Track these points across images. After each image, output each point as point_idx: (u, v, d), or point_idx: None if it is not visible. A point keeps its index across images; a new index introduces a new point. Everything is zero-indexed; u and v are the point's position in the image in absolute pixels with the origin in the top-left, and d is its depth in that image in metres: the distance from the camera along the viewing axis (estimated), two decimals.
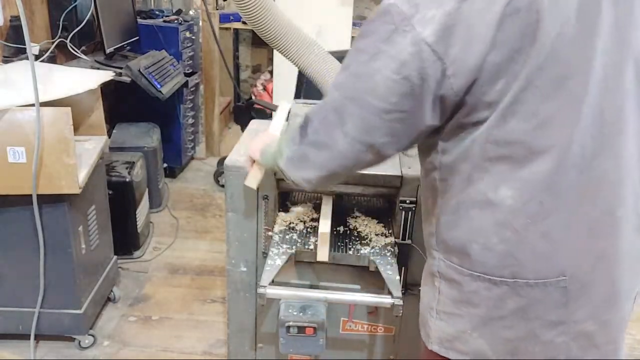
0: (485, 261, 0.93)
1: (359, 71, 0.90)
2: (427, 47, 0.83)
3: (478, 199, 0.92)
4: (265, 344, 1.69)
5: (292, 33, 1.89)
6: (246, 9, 1.79)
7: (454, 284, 0.99)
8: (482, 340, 0.98)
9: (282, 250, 1.40)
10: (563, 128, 0.86)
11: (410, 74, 0.85)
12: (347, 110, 0.92)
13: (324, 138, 0.97)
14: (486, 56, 0.83)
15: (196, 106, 3.88)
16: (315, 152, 0.99)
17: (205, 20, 3.55)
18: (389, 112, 0.89)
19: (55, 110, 1.69)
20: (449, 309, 1.01)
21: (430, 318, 1.05)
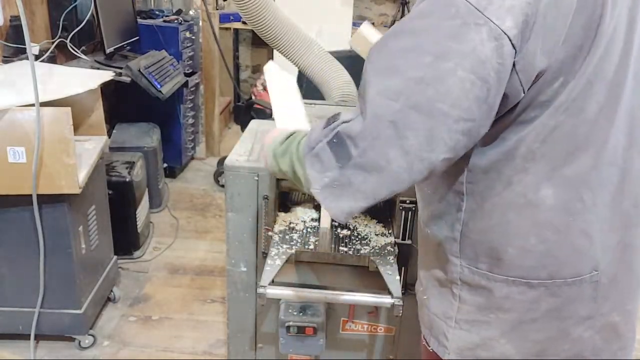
0: (521, 264, 0.90)
1: (425, 75, 0.76)
2: (508, 40, 0.74)
3: (516, 201, 0.88)
4: (265, 344, 1.69)
5: (292, 33, 1.89)
6: (246, 9, 1.79)
7: (480, 290, 0.95)
8: (509, 345, 0.95)
9: (282, 250, 1.40)
10: (603, 125, 0.85)
11: (489, 73, 0.75)
12: (409, 123, 0.78)
13: (375, 159, 0.80)
14: (555, 52, 0.77)
15: (196, 106, 3.88)
16: (363, 177, 0.82)
17: (205, 20, 3.55)
18: (458, 120, 0.77)
19: (55, 110, 1.69)
20: (473, 316, 0.97)
21: (448, 328, 1.00)
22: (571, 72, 0.80)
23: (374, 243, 1.46)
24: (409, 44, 0.78)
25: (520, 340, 0.95)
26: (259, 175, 1.48)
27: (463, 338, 0.98)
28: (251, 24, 1.86)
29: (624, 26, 0.82)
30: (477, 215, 0.92)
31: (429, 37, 0.77)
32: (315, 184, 0.87)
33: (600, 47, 0.79)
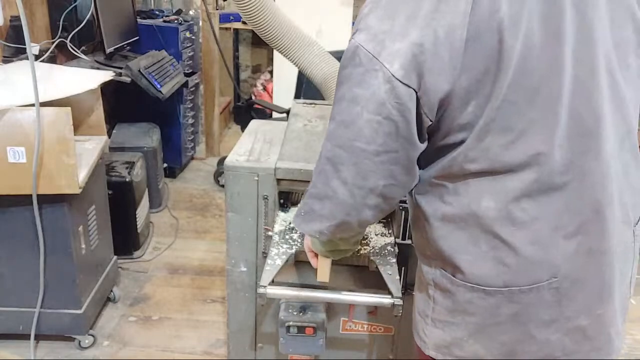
0: (476, 272, 0.94)
1: (343, 119, 0.90)
2: (399, 82, 0.83)
3: (463, 211, 0.93)
4: (265, 344, 1.69)
5: (292, 33, 1.89)
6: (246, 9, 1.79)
7: (448, 294, 1.00)
8: (478, 345, 1.00)
9: (282, 250, 1.40)
10: (542, 136, 0.87)
11: (391, 112, 0.85)
12: (339, 159, 0.92)
13: (323, 189, 0.96)
14: (455, 82, 0.83)
15: (196, 106, 3.89)
16: (319, 204, 0.99)
17: (205, 20, 3.55)
18: (379, 154, 0.89)
19: (55, 110, 1.69)
20: (444, 317, 1.02)
21: (426, 325, 1.06)
22: (482, 95, 0.84)
23: (374, 243, 1.46)
24: (338, 93, 0.91)
25: (488, 342, 0.99)
26: (259, 175, 1.48)
27: (438, 336, 1.04)
28: (251, 24, 1.86)
29: (539, 40, 0.84)
30: (433, 225, 0.98)
31: (345, 86, 0.89)
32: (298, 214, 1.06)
33: (510, 67, 0.83)
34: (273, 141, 1.65)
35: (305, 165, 1.46)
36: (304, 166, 1.46)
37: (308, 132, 1.65)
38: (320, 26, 3.81)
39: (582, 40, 0.86)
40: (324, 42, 2.01)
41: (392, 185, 0.93)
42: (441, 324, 1.03)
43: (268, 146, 1.62)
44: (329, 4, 3.95)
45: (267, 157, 1.52)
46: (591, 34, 0.87)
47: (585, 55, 0.87)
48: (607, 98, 0.90)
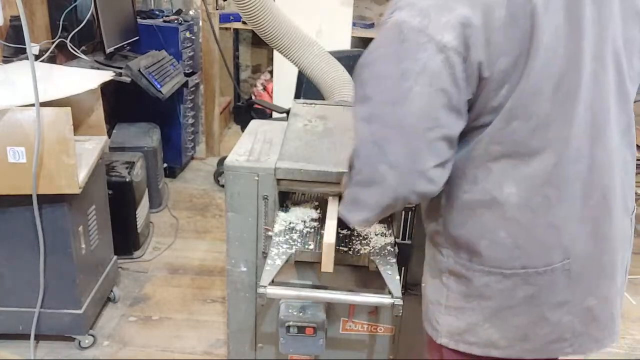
0: (495, 256, 0.98)
1: (389, 97, 0.88)
2: (452, 51, 0.84)
3: (484, 198, 0.96)
4: (265, 344, 1.69)
5: (292, 33, 1.89)
6: (246, 9, 1.79)
7: (463, 279, 1.02)
8: (493, 329, 1.03)
9: (282, 250, 1.39)
10: (562, 124, 0.91)
11: (445, 83, 0.85)
12: (387, 140, 0.89)
13: (369, 175, 0.93)
14: (495, 62, 0.85)
15: (196, 106, 3.89)
16: (366, 192, 0.95)
17: (205, 20, 3.55)
18: (431, 129, 0.88)
19: (55, 110, 1.69)
20: (459, 303, 1.04)
21: (439, 314, 1.08)
22: (514, 80, 0.87)
23: (374, 243, 1.46)
24: (373, 73, 0.90)
25: (502, 326, 1.02)
26: (259, 175, 1.48)
27: (451, 323, 1.06)
28: (251, 24, 1.86)
29: (563, 32, 0.87)
30: (454, 211, 1.00)
31: (387, 64, 0.88)
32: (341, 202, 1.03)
33: (539, 55, 0.86)
34: (273, 141, 1.65)
35: (306, 165, 1.46)
36: (304, 166, 1.46)
37: (308, 132, 1.65)
38: (320, 26, 3.81)
39: (598, 36, 0.90)
40: (324, 42, 2.02)
41: (439, 166, 0.91)
42: (455, 310, 1.05)
43: (268, 146, 1.62)
44: (329, 4, 3.95)
45: (267, 157, 1.52)
46: (605, 31, 0.91)
47: (600, 51, 0.90)
48: (613, 94, 0.94)
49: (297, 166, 1.46)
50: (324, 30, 3.82)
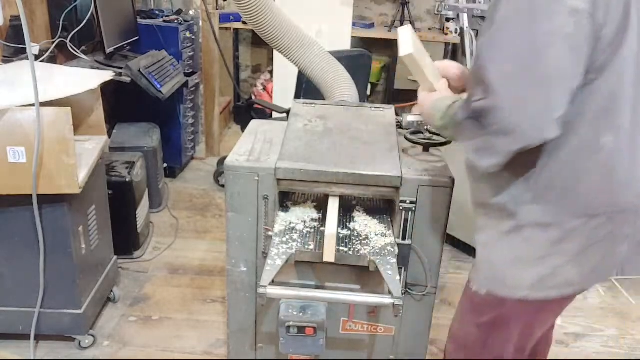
0: (588, 199, 1.13)
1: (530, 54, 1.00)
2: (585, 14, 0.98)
3: (583, 146, 1.10)
4: (265, 344, 1.69)
5: (292, 33, 1.89)
6: (246, 9, 1.79)
7: (551, 227, 1.15)
8: (573, 269, 1.17)
9: (282, 250, 1.39)
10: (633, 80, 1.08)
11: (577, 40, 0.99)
12: (529, 93, 1.01)
13: (508, 125, 1.02)
14: (608, 26, 1.00)
15: (196, 106, 3.88)
16: (502, 139, 1.04)
17: (205, 20, 3.55)
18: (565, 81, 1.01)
19: (55, 110, 1.69)
20: (544, 252, 1.17)
21: (519, 269, 1.20)
22: (617, 44, 1.03)
23: (374, 243, 1.46)
24: (512, 33, 1.02)
25: (582, 264, 1.17)
26: (259, 175, 1.48)
27: (536, 273, 1.19)
28: (251, 24, 1.86)
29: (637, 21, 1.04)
30: (551, 162, 1.13)
31: (525, 25, 1.00)
32: (467, 151, 1.13)
33: (632, 28, 1.03)
34: (273, 141, 1.65)
35: (306, 165, 1.46)
36: (304, 166, 1.46)
37: (308, 132, 1.65)
38: (320, 26, 3.81)
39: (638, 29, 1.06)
40: (324, 42, 2.02)
41: (563, 116, 1.03)
42: (539, 260, 1.18)
43: (268, 146, 1.62)
44: (329, 4, 3.95)
45: (267, 157, 1.52)
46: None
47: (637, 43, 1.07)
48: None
49: (297, 166, 1.46)
50: (324, 30, 3.82)
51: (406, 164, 1.52)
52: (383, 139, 1.62)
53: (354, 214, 1.60)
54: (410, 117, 1.74)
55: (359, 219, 1.57)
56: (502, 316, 1.27)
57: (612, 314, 2.52)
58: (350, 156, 1.51)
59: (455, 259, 2.86)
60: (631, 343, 2.34)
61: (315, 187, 1.49)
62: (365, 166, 1.46)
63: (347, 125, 1.70)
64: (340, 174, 1.44)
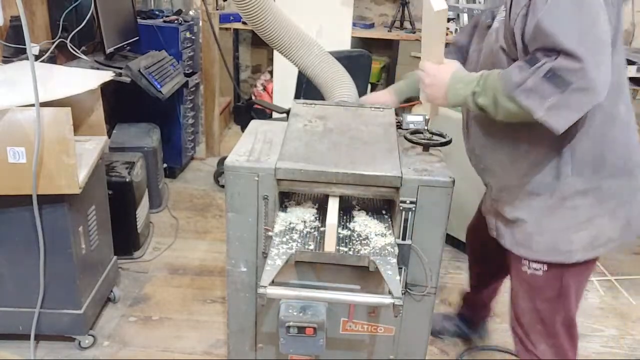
0: (617, 161, 1.37)
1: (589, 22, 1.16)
2: None
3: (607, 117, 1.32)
4: (265, 344, 1.69)
5: (292, 33, 1.89)
6: (246, 9, 1.79)
7: (590, 192, 1.38)
8: (614, 225, 1.41)
9: (282, 250, 1.39)
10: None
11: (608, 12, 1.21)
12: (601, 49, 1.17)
13: (586, 83, 1.15)
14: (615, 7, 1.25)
15: (196, 106, 3.88)
16: (577, 97, 1.17)
17: (205, 21, 3.55)
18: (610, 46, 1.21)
19: (55, 110, 1.69)
20: (589, 214, 1.39)
21: (569, 236, 1.41)
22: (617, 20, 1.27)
23: (374, 243, 1.46)
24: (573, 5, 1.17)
25: (620, 219, 1.41)
26: (259, 176, 1.48)
27: (586, 235, 1.41)
28: (251, 24, 1.86)
29: None
30: (584, 136, 1.33)
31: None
32: (537, 110, 1.21)
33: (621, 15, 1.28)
34: (273, 141, 1.65)
35: (306, 166, 1.46)
36: (304, 166, 1.46)
37: (308, 132, 1.65)
38: (320, 26, 3.81)
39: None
40: (324, 42, 2.02)
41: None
42: (586, 223, 1.40)
43: (268, 146, 1.62)
44: (329, 4, 3.95)
45: (267, 157, 1.52)
46: None
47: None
48: None
49: (297, 166, 1.46)
50: (324, 30, 3.82)
51: (406, 164, 1.51)
52: (383, 139, 1.62)
53: (354, 214, 1.60)
54: (410, 117, 1.75)
55: (359, 219, 1.57)
56: (563, 286, 1.47)
57: (612, 314, 2.52)
58: (350, 156, 1.51)
59: (455, 259, 2.86)
60: (631, 343, 2.34)
61: (315, 187, 1.49)
62: (365, 166, 1.46)
63: (347, 125, 1.70)
64: (340, 174, 1.44)
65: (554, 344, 1.58)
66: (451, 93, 1.38)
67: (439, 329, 2.25)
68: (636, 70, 3.30)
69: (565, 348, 1.58)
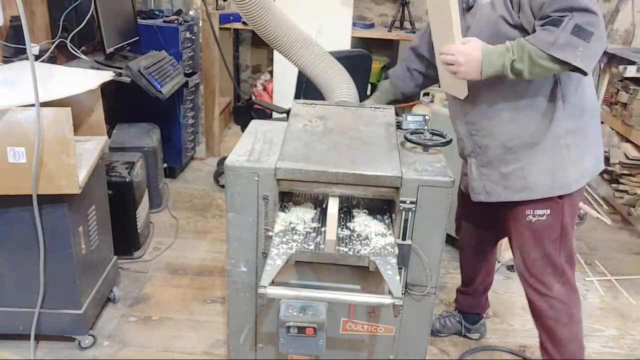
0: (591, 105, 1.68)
1: None
2: None
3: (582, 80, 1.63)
4: (265, 344, 1.69)
5: (292, 33, 1.89)
6: (246, 9, 1.79)
7: (579, 131, 1.64)
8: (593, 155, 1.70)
9: (282, 250, 1.40)
10: None
11: None
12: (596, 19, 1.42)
13: (599, 33, 1.42)
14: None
15: (196, 106, 3.89)
16: (599, 44, 1.44)
17: (205, 21, 3.55)
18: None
19: (55, 110, 1.69)
20: (579, 150, 1.65)
21: (565, 170, 1.64)
22: None
23: (374, 243, 1.46)
24: None
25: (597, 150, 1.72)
26: (259, 176, 1.48)
27: (579, 168, 1.66)
28: (251, 25, 1.86)
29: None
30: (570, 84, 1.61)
31: None
32: (573, 61, 1.44)
33: None
34: (273, 141, 1.65)
35: (306, 166, 1.46)
36: (304, 166, 1.46)
37: (308, 132, 1.65)
38: (320, 26, 3.81)
39: None
40: (324, 42, 2.02)
41: None
42: (576, 157, 1.64)
43: (268, 146, 1.62)
44: (329, 4, 3.95)
45: (267, 157, 1.52)
46: None
47: None
48: None
49: (297, 166, 1.46)
50: (324, 30, 3.82)
51: (406, 164, 1.52)
52: (383, 139, 1.62)
53: (354, 214, 1.60)
54: (410, 117, 1.75)
55: (359, 219, 1.57)
56: (563, 223, 1.69)
57: (612, 314, 2.52)
58: (350, 156, 1.51)
59: (455, 259, 2.85)
60: (631, 343, 2.34)
61: (315, 187, 1.49)
62: (365, 166, 1.46)
63: (347, 125, 1.70)
64: (340, 174, 1.45)
65: (564, 281, 1.76)
66: (485, 65, 1.51)
67: (439, 327, 2.25)
68: (636, 70, 3.29)
69: (571, 279, 1.77)
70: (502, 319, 2.41)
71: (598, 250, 3.10)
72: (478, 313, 2.25)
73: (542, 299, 1.78)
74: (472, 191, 1.80)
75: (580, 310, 1.82)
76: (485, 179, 1.75)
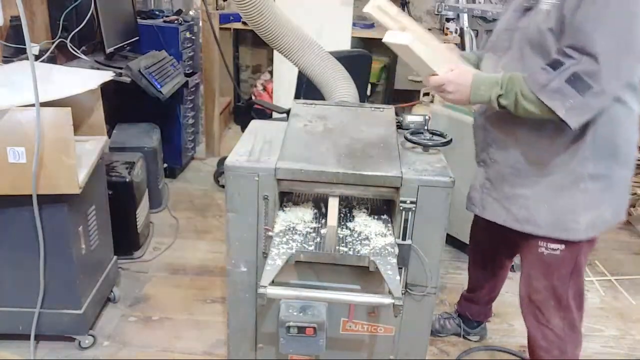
0: (629, 153, 1.51)
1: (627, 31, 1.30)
2: None
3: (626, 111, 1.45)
4: (265, 344, 1.69)
5: (292, 33, 1.89)
6: (246, 9, 1.79)
7: (603, 178, 1.49)
8: (611, 208, 1.54)
9: (282, 250, 1.39)
10: None
11: None
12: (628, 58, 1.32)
13: (602, 88, 1.31)
14: None
15: (196, 106, 3.89)
16: (597, 100, 1.33)
17: (205, 21, 3.55)
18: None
19: (55, 110, 1.69)
20: (597, 199, 1.51)
21: (577, 215, 1.52)
22: None
23: (374, 243, 1.46)
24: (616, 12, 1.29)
25: (619, 204, 1.57)
26: (259, 176, 1.48)
27: (591, 216, 1.52)
28: (251, 25, 1.86)
29: None
30: (607, 123, 1.44)
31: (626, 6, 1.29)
32: (558, 110, 1.34)
33: None
34: (273, 141, 1.65)
35: (306, 166, 1.46)
36: (305, 166, 1.46)
37: (308, 132, 1.65)
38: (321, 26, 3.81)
39: None
40: (324, 42, 2.01)
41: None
42: (593, 206, 1.51)
43: (268, 146, 1.62)
44: (329, 4, 3.95)
45: (267, 157, 1.52)
46: None
47: None
48: None
49: (297, 166, 1.46)
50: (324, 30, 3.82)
51: (406, 164, 1.51)
52: (383, 139, 1.62)
53: (354, 214, 1.60)
54: (410, 117, 1.75)
55: (359, 219, 1.57)
56: (577, 262, 1.60)
57: (612, 314, 2.52)
58: (350, 156, 1.51)
59: (455, 259, 2.86)
60: (631, 343, 2.34)
61: (315, 187, 1.49)
62: (365, 166, 1.46)
63: (347, 125, 1.70)
64: (340, 174, 1.44)
65: (565, 317, 1.68)
66: (474, 94, 1.47)
67: (438, 327, 2.25)
68: None
69: (575, 319, 1.69)
70: (502, 319, 2.41)
71: (598, 250, 3.10)
72: (480, 321, 2.24)
73: (538, 327, 1.73)
74: (469, 200, 1.76)
75: (578, 350, 1.74)
76: (486, 192, 1.69)
